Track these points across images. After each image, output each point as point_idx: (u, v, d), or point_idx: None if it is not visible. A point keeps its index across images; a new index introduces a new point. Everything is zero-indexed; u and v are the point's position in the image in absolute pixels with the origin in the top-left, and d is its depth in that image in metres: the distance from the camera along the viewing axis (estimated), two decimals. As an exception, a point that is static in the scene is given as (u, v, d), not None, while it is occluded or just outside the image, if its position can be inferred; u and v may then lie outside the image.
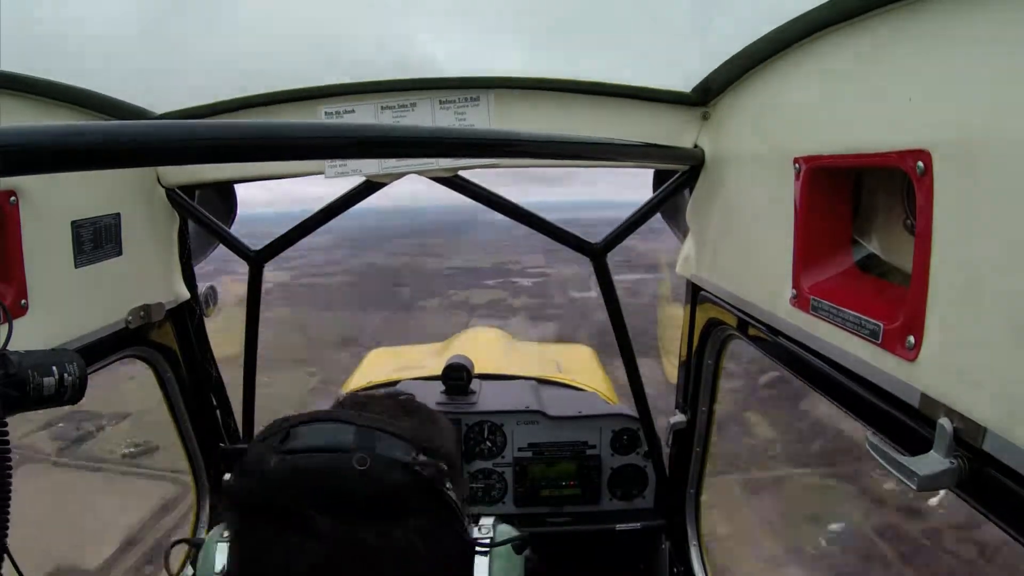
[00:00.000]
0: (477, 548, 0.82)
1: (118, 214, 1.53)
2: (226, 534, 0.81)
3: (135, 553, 7.27)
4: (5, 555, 0.93)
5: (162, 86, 1.54)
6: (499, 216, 1.88)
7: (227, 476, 0.80)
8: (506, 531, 0.86)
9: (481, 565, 0.81)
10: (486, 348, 3.81)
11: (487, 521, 0.86)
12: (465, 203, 1.87)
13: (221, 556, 0.82)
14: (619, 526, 2.30)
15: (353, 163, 1.71)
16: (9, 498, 0.91)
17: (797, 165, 1.13)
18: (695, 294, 1.86)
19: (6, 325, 0.92)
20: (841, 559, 7.15)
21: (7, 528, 0.92)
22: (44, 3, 1.12)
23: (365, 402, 0.89)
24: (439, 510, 0.78)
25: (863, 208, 1.14)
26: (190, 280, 1.95)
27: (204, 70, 1.52)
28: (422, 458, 0.77)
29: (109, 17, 1.20)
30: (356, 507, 0.73)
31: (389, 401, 0.90)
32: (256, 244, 1.88)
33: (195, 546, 0.89)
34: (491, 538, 0.83)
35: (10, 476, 0.91)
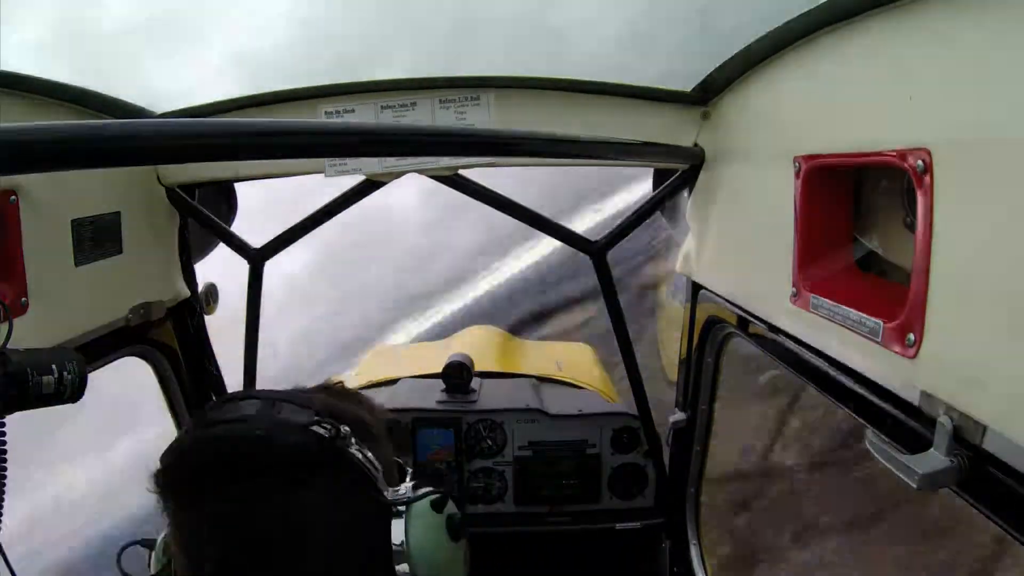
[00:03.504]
0: (396, 508, 0.81)
1: (118, 212, 1.53)
2: None
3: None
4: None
5: (162, 86, 1.54)
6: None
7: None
8: (426, 490, 0.85)
9: (397, 526, 0.81)
10: (486, 346, 3.81)
11: (406, 485, 0.85)
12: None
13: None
14: (619, 525, 2.30)
15: (353, 162, 1.71)
16: (3, 497, 0.92)
17: (797, 164, 1.13)
18: (695, 292, 1.86)
19: (6, 324, 0.92)
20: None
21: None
22: (44, 3, 1.12)
23: (296, 389, 0.91)
24: (346, 472, 0.78)
25: (863, 206, 1.14)
26: (190, 278, 1.95)
27: (204, 70, 1.52)
28: (324, 421, 0.78)
29: (109, 17, 1.20)
30: (260, 471, 0.75)
31: (318, 388, 0.92)
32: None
33: (148, 547, 0.90)
34: (408, 497, 0.83)
35: (5, 474, 0.91)
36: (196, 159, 0.73)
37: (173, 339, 1.89)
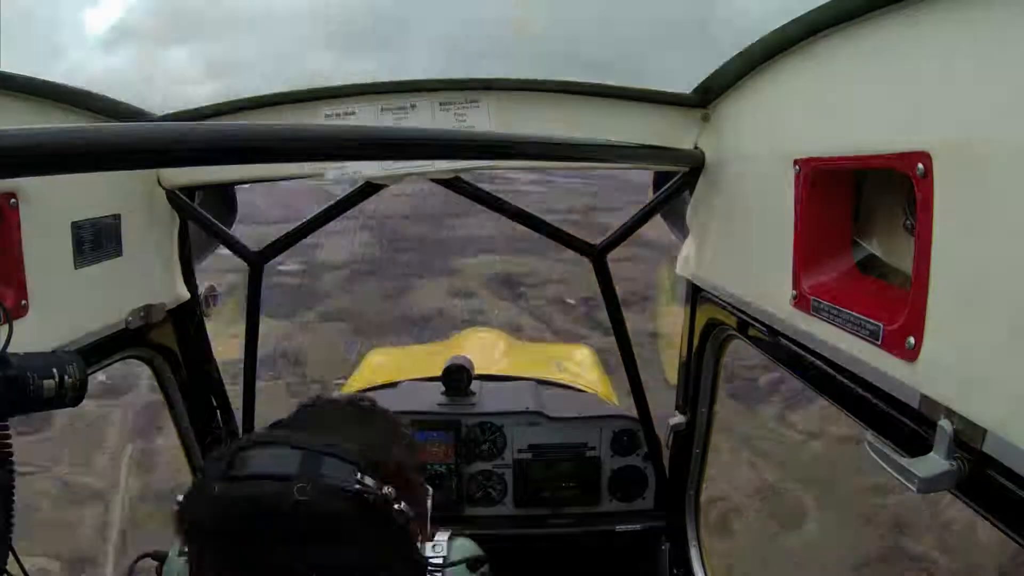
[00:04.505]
0: (429, 567, 0.82)
1: (118, 215, 1.53)
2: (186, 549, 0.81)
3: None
4: (11, 554, 0.93)
5: (162, 86, 1.54)
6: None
7: (179, 497, 0.81)
8: (462, 547, 0.86)
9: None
10: (486, 348, 3.81)
11: (441, 538, 0.86)
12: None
13: (183, 570, 0.82)
14: (619, 527, 2.30)
15: (353, 165, 1.71)
16: (13, 500, 0.92)
17: (797, 166, 1.13)
18: (695, 295, 1.86)
19: (6, 326, 0.92)
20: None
21: (12, 528, 0.92)
22: (44, 3, 1.12)
23: (322, 411, 0.89)
24: (387, 531, 0.78)
25: (863, 209, 1.14)
26: (190, 281, 1.95)
27: (204, 70, 1.52)
28: (369, 482, 0.76)
29: (109, 17, 1.20)
30: (300, 533, 0.73)
31: (349, 408, 0.90)
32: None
33: (159, 560, 0.89)
34: (444, 557, 0.84)
35: (13, 477, 0.91)
36: (196, 163, 0.73)
37: (173, 341, 1.89)
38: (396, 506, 0.78)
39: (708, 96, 1.61)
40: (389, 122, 1.67)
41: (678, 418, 2.06)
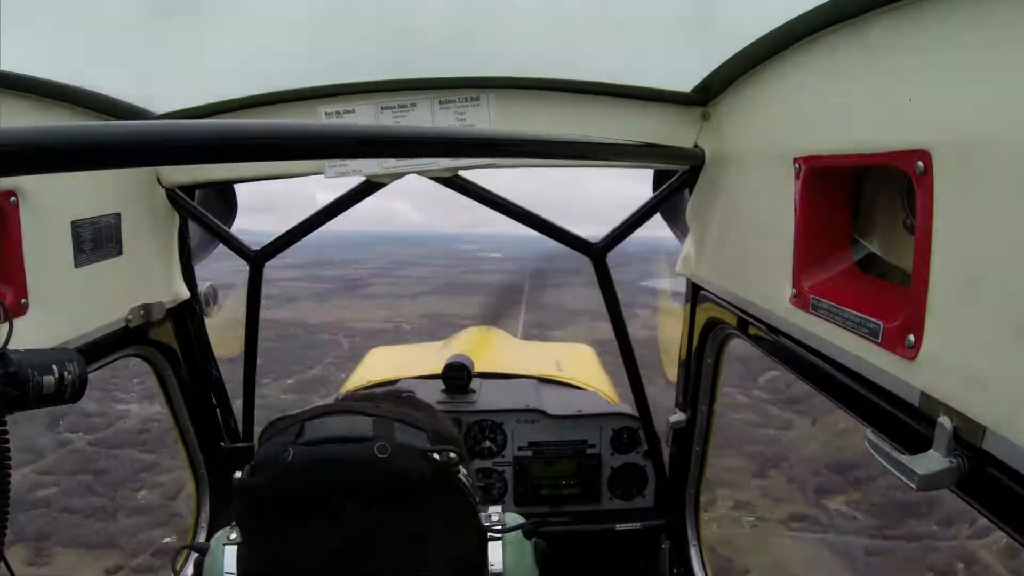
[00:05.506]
0: (490, 534, 0.85)
1: (118, 214, 1.53)
2: (233, 536, 0.81)
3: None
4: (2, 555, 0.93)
5: (162, 86, 1.54)
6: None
7: (237, 474, 0.81)
8: (513, 519, 0.89)
9: (495, 550, 0.85)
10: (486, 347, 3.81)
11: (495, 509, 0.89)
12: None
13: (230, 559, 0.82)
14: (619, 525, 2.30)
15: (353, 163, 1.71)
16: (8, 496, 0.92)
17: (797, 165, 1.13)
18: (695, 293, 1.86)
19: (6, 324, 0.92)
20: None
21: (6, 526, 0.92)
22: (44, 3, 1.12)
23: (371, 398, 0.91)
24: (455, 496, 0.81)
25: (863, 207, 1.14)
26: (190, 279, 1.96)
27: (204, 70, 1.52)
28: (439, 446, 0.80)
29: (109, 17, 1.20)
30: (377, 492, 0.75)
31: (394, 396, 0.92)
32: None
33: (201, 552, 0.89)
34: (502, 524, 0.86)
35: (9, 474, 0.91)
36: (196, 161, 0.74)
37: (173, 340, 1.89)
38: (460, 472, 0.81)
39: (708, 94, 1.61)
40: (389, 120, 1.67)
41: (678, 416, 2.06)
